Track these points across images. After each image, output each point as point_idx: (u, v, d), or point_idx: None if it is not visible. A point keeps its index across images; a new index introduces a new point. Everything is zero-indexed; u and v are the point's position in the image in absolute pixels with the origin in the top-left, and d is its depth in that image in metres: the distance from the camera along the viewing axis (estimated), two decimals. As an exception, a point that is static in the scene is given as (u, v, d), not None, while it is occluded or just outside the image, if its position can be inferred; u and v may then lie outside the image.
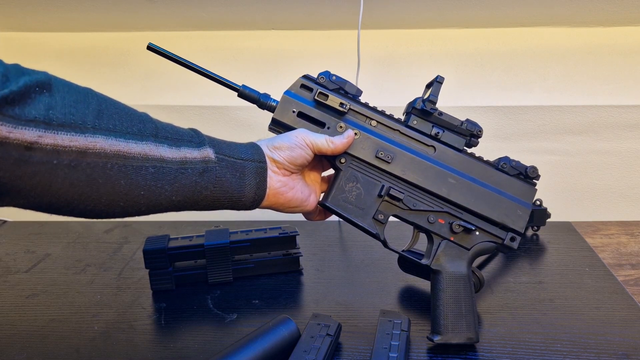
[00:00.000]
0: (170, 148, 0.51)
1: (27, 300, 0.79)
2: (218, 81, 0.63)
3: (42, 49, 1.17)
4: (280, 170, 0.60)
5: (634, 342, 0.65)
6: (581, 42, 1.08)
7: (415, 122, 0.65)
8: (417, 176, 0.64)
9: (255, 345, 0.60)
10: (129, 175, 0.47)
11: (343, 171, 0.64)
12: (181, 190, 0.52)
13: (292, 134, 0.61)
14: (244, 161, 0.57)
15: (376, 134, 0.64)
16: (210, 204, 0.56)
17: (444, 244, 0.65)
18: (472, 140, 0.66)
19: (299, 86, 0.64)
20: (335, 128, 0.64)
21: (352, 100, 0.65)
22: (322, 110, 0.64)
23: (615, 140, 1.10)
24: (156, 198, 0.51)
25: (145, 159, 0.48)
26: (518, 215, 0.65)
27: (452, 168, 0.65)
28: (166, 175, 0.50)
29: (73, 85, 0.46)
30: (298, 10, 1.04)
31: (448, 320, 0.63)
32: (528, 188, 0.66)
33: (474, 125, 0.65)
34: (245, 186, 0.57)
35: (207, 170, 0.54)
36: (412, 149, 0.64)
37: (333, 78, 0.64)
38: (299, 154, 0.60)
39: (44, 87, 0.42)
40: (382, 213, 0.64)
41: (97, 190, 0.46)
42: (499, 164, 0.66)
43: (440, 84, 0.64)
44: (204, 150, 0.54)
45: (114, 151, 0.46)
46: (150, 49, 0.60)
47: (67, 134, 0.43)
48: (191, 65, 0.62)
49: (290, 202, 0.61)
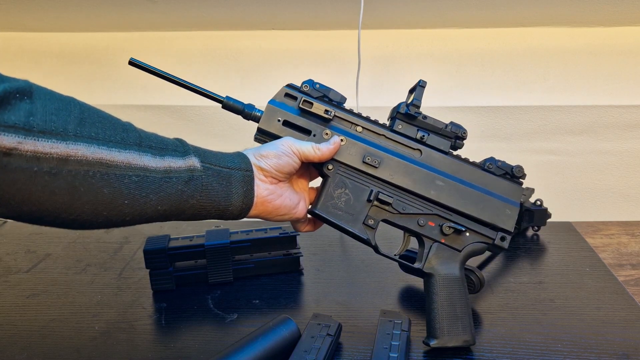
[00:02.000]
0: (154, 157, 0.51)
1: (27, 300, 0.79)
2: (202, 93, 0.62)
3: (42, 49, 1.17)
4: (268, 179, 0.60)
5: (634, 343, 0.65)
6: (581, 42, 1.08)
7: (400, 126, 0.65)
8: (405, 180, 0.64)
9: (256, 345, 0.60)
10: (111, 184, 0.47)
11: (331, 178, 0.63)
12: (167, 199, 0.51)
13: (279, 142, 0.60)
14: (231, 170, 0.57)
15: (362, 140, 0.64)
16: (197, 213, 0.56)
17: (435, 246, 0.65)
18: (457, 142, 0.66)
19: (283, 95, 0.64)
20: (321, 135, 0.64)
21: (336, 107, 0.65)
22: (307, 118, 0.64)
23: (615, 140, 1.10)
24: (141, 207, 0.50)
25: (128, 167, 0.48)
26: (507, 214, 0.65)
27: (439, 170, 0.65)
28: (150, 184, 0.50)
29: (55, 93, 0.45)
30: (298, 10, 1.04)
31: (443, 323, 0.63)
32: (515, 187, 0.66)
33: (459, 127, 0.65)
34: (232, 194, 0.56)
35: (193, 179, 0.53)
36: (399, 153, 0.65)
37: (317, 86, 0.64)
38: (286, 162, 0.59)
39: (25, 94, 0.42)
40: (372, 218, 0.64)
41: (79, 199, 0.45)
42: (484, 164, 0.66)
43: (423, 88, 0.64)
44: (189, 159, 0.54)
45: (96, 159, 0.45)
46: (132, 64, 0.60)
47: (48, 141, 0.42)
48: (174, 78, 0.61)
49: (279, 209, 0.61)
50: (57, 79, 1.15)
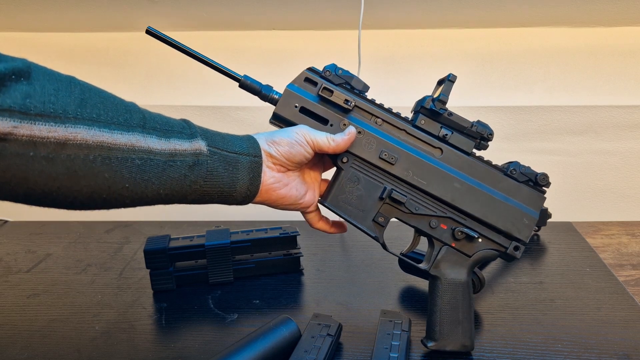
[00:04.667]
0: (159, 139, 0.49)
1: (28, 300, 0.79)
2: (219, 70, 0.60)
3: (42, 49, 1.17)
4: (276, 166, 0.58)
5: (634, 342, 0.65)
6: (581, 42, 1.08)
7: (423, 121, 0.62)
8: (421, 179, 0.61)
9: (256, 345, 0.60)
10: (112, 168, 0.45)
11: (344, 171, 0.61)
12: (169, 183, 0.50)
13: (293, 130, 0.58)
14: (238, 155, 0.55)
15: (381, 133, 0.61)
16: (199, 198, 0.54)
17: (444, 249, 0.63)
18: (481, 144, 0.63)
19: (303, 79, 0.61)
20: (338, 126, 0.61)
21: (357, 96, 0.62)
22: (325, 106, 0.61)
23: (615, 141, 1.10)
24: (142, 191, 0.48)
25: (131, 150, 0.46)
26: (524, 223, 0.62)
27: (459, 172, 0.62)
28: (154, 167, 0.48)
29: (55, 73, 0.44)
30: (298, 10, 1.04)
31: (443, 326, 0.62)
32: (537, 195, 0.63)
33: (485, 127, 0.62)
34: (237, 181, 0.55)
35: (198, 164, 0.52)
36: (418, 150, 0.62)
37: (339, 72, 0.61)
38: (298, 152, 0.58)
39: (22, 74, 0.40)
40: (383, 216, 0.62)
41: (78, 183, 0.44)
42: (508, 169, 0.62)
43: (452, 83, 0.61)
44: (196, 142, 0.52)
45: (96, 142, 0.44)
46: (149, 32, 0.57)
47: (46, 124, 0.41)
48: (192, 52, 0.59)
49: (284, 199, 0.59)
50: (57, 79, 1.15)
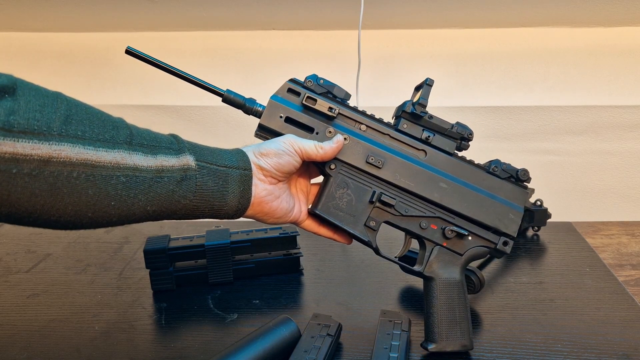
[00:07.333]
0: (146, 156, 0.49)
1: (27, 300, 0.79)
2: (201, 86, 0.60)
3: (42, 49, 1.17)
4: (267, 178, 0.58)
5: (634, 343, 0.65)
6: (581, 42, 1.08)
7: (405, 125, 0.63)
8: (408, 181, 0.63)
9: (256, 345, 0.60)
10: (97, 185, 0.45)
11: (333, 177, 0.62)
12: (156, 199, 0.50)
13: (280, 140, 0.58)
14: (228, 168, 0.55)
15: (366, 139, 0.63)
16: (189, 213, 0.54)
17: (436, 250, 0.64)
18: (462, 144, 0.64)
19: (286, 90, 0.62)
20: (324, 133, 0.62)
21: (341, 104, 0.63)
22: (310, 115, 0.62)
23: (615, 141, 1.10)
24: (128, 208, 0.48)
25: (116, 167, 0.46)
26: (510, 219, 0.64)
27: (444, 172, 0.64)
28: (140, 184, 0.48)
29: (41, 89, 0.43)
30: (298, 10, 1.04)
31: (442, 327, 0.62)
32: (519, 191, 0.65)
33: (465, 128, 0.64)
34: (228, 195, 0.55)
35: (187, 179, 0.51)
36: (403, 153, 0.63)
37: (321, 82, 0.62)
38: (287, 161, 0.58)
39: (7, 90, 0.40)
40: (374, 220, 0.63)
41: (62, 200, 0.43)
42: (489, 167, 0.65)
43: (430, 87, 0.63)
44: (184, 157, 0.52)
45: (80, 160, 0.43)
46: (129, 53, 0.58)
47: (30, 142, 0.40)
48: (172, 69, 0.59)
49: (275, 212, 0.59)
50: (57, 79, 1.15)
